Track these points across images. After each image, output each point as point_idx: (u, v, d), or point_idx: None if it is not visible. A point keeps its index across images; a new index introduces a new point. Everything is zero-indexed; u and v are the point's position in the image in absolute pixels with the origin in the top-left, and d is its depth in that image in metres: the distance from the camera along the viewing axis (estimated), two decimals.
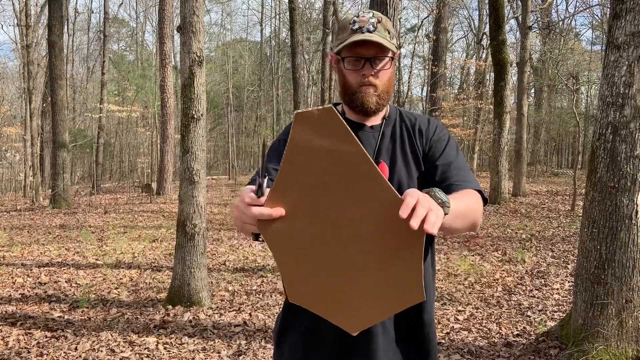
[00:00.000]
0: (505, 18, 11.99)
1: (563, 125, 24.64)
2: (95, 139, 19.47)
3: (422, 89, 28.81)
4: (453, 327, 4.02)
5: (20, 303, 4.74)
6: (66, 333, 3.93)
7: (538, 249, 6.99)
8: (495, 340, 3.75)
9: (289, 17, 13.24)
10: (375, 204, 0.94)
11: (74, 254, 7.01)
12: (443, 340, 3.74)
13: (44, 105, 20.07)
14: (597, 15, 22.56)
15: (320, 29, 19.52)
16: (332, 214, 0.96)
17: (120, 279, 5.64)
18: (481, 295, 4.90)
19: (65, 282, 5.48)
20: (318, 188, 0.96)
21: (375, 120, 1.35)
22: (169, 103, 15.18)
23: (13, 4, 20.59)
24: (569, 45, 22.11)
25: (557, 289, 5.07)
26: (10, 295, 5.01)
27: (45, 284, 5.44)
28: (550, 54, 20.62)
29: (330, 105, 0.95)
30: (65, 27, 19.28)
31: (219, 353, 3.54)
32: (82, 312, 4.46)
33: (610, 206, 3.14)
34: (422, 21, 22.22)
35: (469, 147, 20.47)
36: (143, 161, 20.61)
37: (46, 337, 3.85)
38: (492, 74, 12.74)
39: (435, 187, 1.04)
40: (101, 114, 18.55)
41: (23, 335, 3.90)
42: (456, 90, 25.18)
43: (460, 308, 4.50)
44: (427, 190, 1.02)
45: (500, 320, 4.18)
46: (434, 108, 19.36)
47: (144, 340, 3.78)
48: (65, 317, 4.32)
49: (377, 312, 1.01)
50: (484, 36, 19.91)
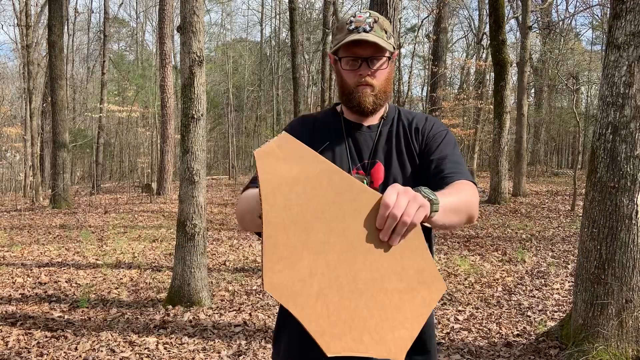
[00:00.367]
0: (505, 18, 11.99)
1: (563, 125, 24.64)
2: (95, 139, 19.48)
3: (422, 89, 28.81)
4: (453, 327, 4.02)
5: (20, 303, 4.74)
6: (66, 333, 3.93)
7: (538, 249, 6.99)
8: (495, 340, 3.75)
9: (289, 17, 13.25)
10: (366, 210, 0.93)
11: (74, 254, 7.01)
12: (443, 340, 3.74)
13: (44, 105, 20.08)
14: (597, 15, 22.57)
15: (320, 29, 19.53)
16: (333, 239, 0.92)
17: (120, 279, 5.64)
18: (481, 295, 4.90)
19: (65, 282, 5.48)
20: (309, 219, 0.92)
21: (373, 120, 1.35)
22: (169, 103, 15.18)
23: (13, 4, 20.62)
24: (569, 45, 22.12)
25: (557, 289, 5.07)
26: (10, 295, 5.01)
27: (45, 284, 5.44)
28: (550, 54, 20.63)
29: (283, 132, 0.95)
30: (65, 27, 19.29)
31: (219, 353, 3.54)
32: (82, 312, 4.46)
33: (610, 206, 3.14)
34: (422, 21, 22.19)
35: (469, 147, 20.46)
36: (143, 161, 20.60)
37: (46, 337, 3.85)
38: (492, 74, 12.75)
39: (423, 186, 1.03)
40: (101, 114, 18.55)
41: (23, 335, 3.90)
42: (456, 90, 25.18)
43: (460, 308, 4.50)
44: (416, 189, 1.00)
45: (500, 320, 4.18)
46: (434, 108, 19.35)
47: (144, 340, 3.78)
48: (65, 317, 4.32)
49: (412, 323, 0.96)
50: (484, 36, 19.92)
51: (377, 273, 0.94)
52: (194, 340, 3.77)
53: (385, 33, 1.26)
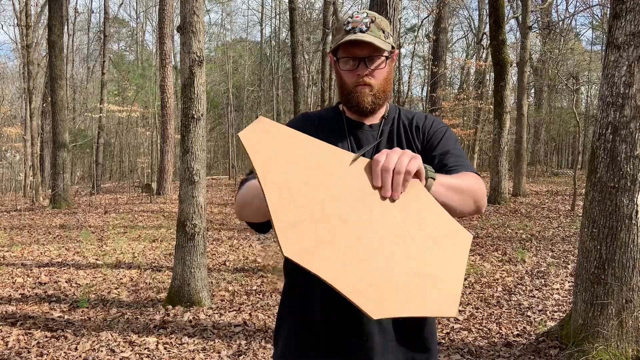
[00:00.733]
0: (505, 18, 11.99)
1: (563, 125, 24.64)
2: (95, 139, 19.47)
3: (422, 89, 28.80)
4: (453, 327, 4.02)
5: (20, 303, 4.73)
6: (66, 333, 3.92)
7: (538, 249, 6.99)
8: (495, 340, 3.75)
9: (289, 17, 13.25)
10: (356, 172, 0.97)
11: (74, 254, 7.00)
12: (443, 340, 3.74)
13: (44, 105, 20.08)
14: (597, 15, 22.54)
15: (320, 29, 19.53)
16: (341, 206, 0.95)
17: (120, 279, 5.63)
18: (481, 295, 4.90)
19: (65, 282, 5.48)
20: (312, 187, 0.95)
21: (374, 120, 1.36)
22: (169, 103, 15.18)
23: (13, 4, 20.62)
24: (569, 45, 22.11)
25: (557, 289, 5.07)
26: (10, 295, 5.01)
27: (45, 284, 5.44)
28: (550, 54, 20.62)
29: (259, 114, 1.01)
30: (65, 27, 19.28)
31: (219, 353, 3.54)
32: (82, 312, 4.46)
33: (610, 206, 3.14)
34: (422, 21, 22.20)
35: (469, 147, 20.47)
36: (143, 161, 20.60)
37: (46, 337, 3.85)
38: (492, 74, 12.75)
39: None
40: (101, 114, 18.55)
41: (23, 335, 3.90)
42: (456, 90, 25.17)
43: (460, 308, 4.50)
44: None
45: (500, 320, 4.18)
46: (434, 108, 19.35)
47: (144, 340, 3.78)
48: (65, 317, 4.32)
49: (453, 275, 0.95)
50: (484, 36, 19.91)
51: (398, 230, 0.95)
52: (194, 340, 3.77)
53: (383, 33, 1.26)
